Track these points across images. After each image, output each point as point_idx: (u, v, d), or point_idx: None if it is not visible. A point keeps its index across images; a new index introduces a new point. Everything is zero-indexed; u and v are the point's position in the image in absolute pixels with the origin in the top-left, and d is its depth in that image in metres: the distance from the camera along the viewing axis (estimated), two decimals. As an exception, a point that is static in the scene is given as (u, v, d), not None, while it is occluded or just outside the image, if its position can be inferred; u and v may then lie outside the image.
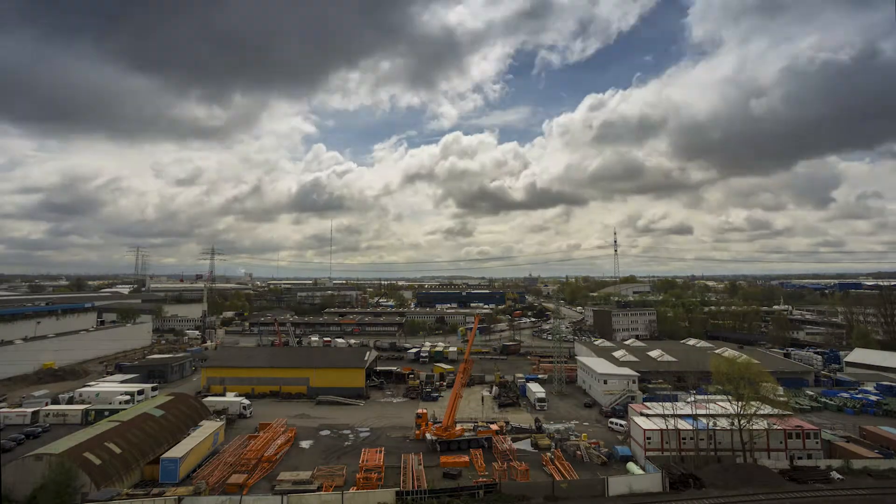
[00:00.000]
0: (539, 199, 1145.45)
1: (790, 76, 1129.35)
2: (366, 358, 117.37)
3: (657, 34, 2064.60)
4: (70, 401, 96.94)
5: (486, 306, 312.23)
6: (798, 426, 68.24)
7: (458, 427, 76.04)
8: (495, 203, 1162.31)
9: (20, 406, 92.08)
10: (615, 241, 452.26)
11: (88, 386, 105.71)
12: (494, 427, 79.16)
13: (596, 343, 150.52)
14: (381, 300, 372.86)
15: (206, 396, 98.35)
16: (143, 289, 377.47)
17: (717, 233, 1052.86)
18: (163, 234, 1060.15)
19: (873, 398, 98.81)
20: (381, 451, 69.16)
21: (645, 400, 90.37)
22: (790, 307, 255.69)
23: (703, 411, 70.45)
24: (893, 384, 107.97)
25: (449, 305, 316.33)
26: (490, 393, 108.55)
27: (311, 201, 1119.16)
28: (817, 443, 67.10)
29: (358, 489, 56.67)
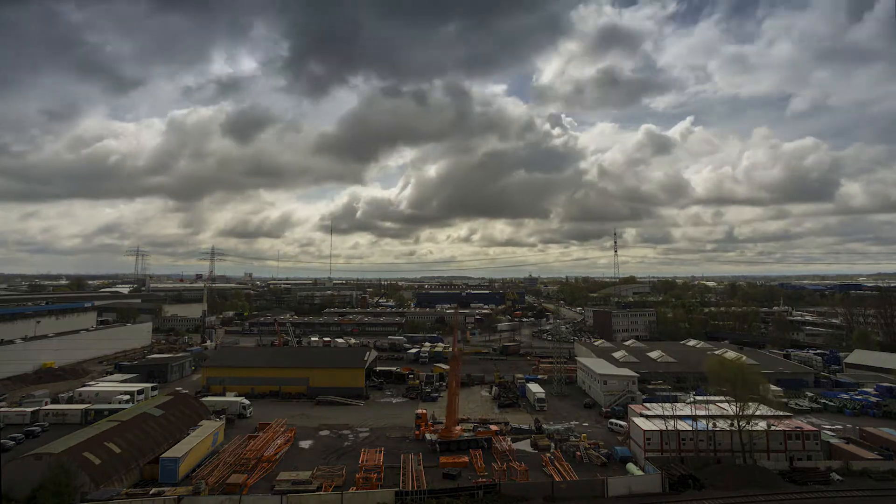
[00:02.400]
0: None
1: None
2: (366, 358, 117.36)
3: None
4: (70, 400, 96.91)
5: (486, 307, 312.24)
6: (798, 427, 68.20)
7: (458, 427, 76.03)
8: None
9: (20, 405, 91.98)
10: (615, 242, 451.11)
11: (88, 385, 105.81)
12: (494, 428, 79.22)
13: (596, 344, 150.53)
14: (381, 300, 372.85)
15: (204, 396, 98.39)
16: (143, 289, 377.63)
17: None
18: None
19: (873, 399, 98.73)
20: (380, 452, 69.12)
21: (644, 401, 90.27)
22: (790, 308, 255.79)
23: (702, 412, 70.37)
24: (893, 385, 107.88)
25: (449, 306, 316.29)
26: (490, 393, 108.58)
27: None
28: (817, 444, 67.00)
29: (357, 489, 56.66)
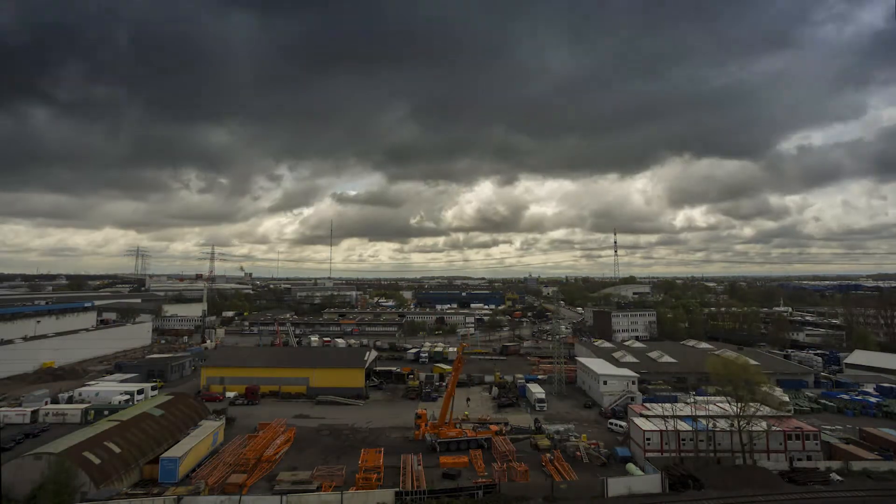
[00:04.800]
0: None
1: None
2: (365, 358, 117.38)
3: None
4: (70, 400, 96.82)
5: (486, 307, 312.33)
6: (798, 427, 68.19)
7: (457, 429, 76.02)
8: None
9: (20, 405, 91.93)
10: (615, 242, 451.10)
11: (88, 385, 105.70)
12: (494, 428, 79.22)
13: (596, 344, 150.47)
14: (381, 300, 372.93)
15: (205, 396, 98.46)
16: (143, 288, 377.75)
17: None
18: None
19: (873, 400, 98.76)
20: (380, 452, 69.05)
21: (644, 401, 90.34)
22: (790, 308, 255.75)
23: (702, 412, 70.37)
24: (893, 386, 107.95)
25: (449, 306, 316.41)
26: (489, 393, 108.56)
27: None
28: (817, 444, 67.02)
29: (357, 489, 56.62)
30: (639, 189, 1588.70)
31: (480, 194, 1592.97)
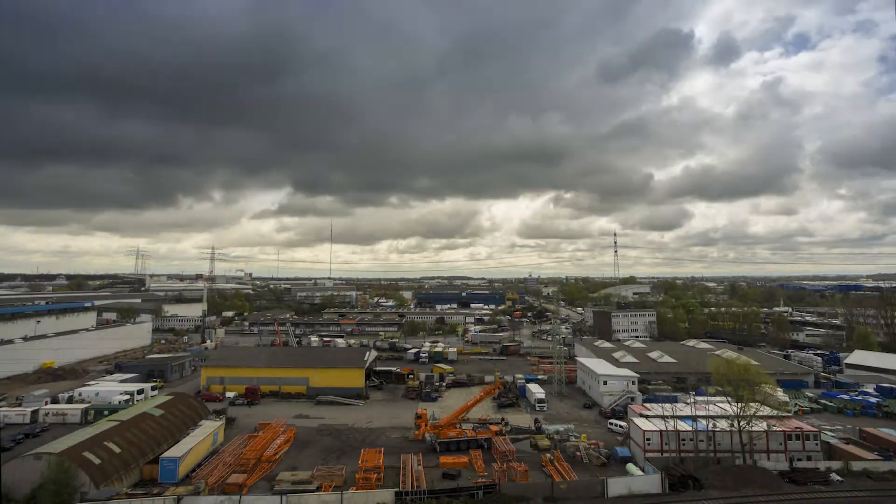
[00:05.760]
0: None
1: None
2: (365, 358, 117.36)
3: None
4: (70, 400, 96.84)
5: (486, 307, 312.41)
6: (798, 428, 68.18)
7: (457, 429, 76.01)
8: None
9: (20, 405, 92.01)
10: (615, 242, 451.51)
11: (88, 385, 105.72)
12: (494, 428, 79.19)
13: (596, 344, 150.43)
14: (381, 300, 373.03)
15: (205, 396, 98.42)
16: (143, 288, 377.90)
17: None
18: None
19: (873, 400, 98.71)
20: (380, 452, 69.05)
21: (644, 401, 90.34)
22: (790, 309, 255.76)
23: (702, 412, 70.38)
24: (893, 386, 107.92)
25: (449, 306, 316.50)
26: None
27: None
28: (817, 444, 67.00)
29: (357, 489, 56.63)
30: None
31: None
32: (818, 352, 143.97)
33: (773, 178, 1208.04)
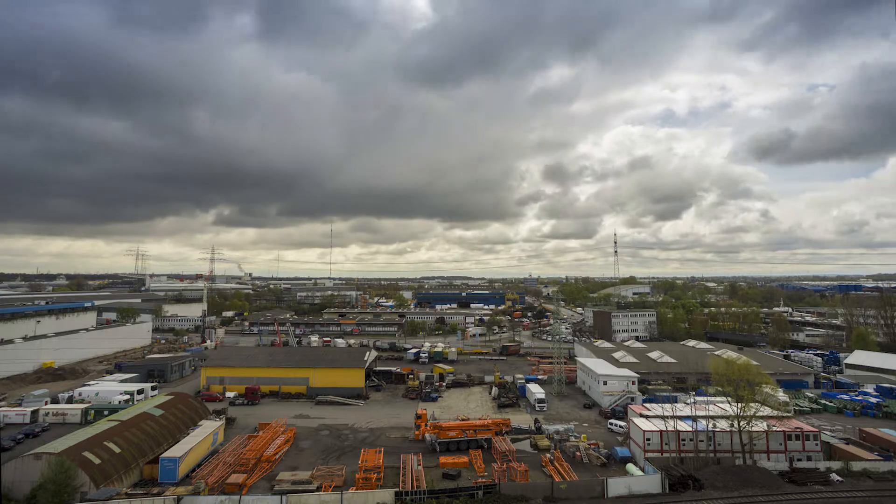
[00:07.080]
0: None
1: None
2: (365, 358, 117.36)
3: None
4: (69, 400, 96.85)
5: (486, 307, 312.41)
6: (798, 428, 68.20)
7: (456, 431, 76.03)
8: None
9: (20, 405, 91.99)
10: (615, 242, 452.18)
11: (88, 385, 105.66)
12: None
13: (595, 344, 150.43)
14: (381, 300, 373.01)
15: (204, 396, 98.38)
16: (143, 288, 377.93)
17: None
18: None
19: (873, 400, 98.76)
20: (380, 452, 69.06)
21: (644, 401, 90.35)
22: (790, 309, 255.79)
23: (702, 413, 70.39)
24: (893, 386, 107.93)
25: (449, 306, 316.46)
26: (490, 394, 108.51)
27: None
28: (817, 444, 67.01)
29: (357, 489, 56.61)
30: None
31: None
32: (818, 352, 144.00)
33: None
